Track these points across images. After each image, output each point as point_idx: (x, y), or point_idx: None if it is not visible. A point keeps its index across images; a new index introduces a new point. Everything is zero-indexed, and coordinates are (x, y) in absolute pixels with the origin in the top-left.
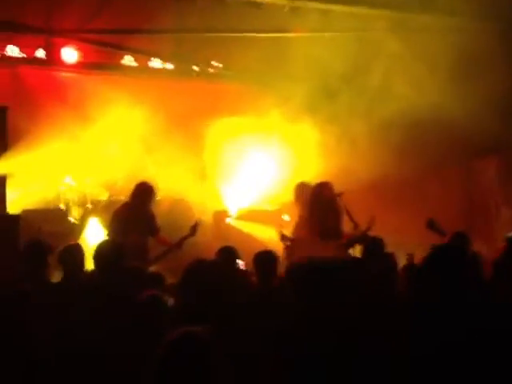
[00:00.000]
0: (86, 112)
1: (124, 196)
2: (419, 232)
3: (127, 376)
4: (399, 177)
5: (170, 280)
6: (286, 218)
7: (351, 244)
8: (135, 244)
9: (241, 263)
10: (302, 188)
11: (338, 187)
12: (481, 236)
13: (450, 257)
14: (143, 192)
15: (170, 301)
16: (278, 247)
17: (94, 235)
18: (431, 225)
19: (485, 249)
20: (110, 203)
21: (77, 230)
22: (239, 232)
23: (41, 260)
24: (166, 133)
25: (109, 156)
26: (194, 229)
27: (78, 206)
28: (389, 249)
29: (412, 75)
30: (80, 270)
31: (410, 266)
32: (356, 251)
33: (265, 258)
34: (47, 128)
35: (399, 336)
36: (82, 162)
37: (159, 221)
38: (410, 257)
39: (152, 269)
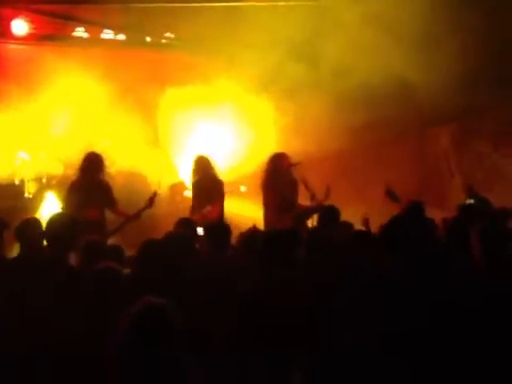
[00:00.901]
0: (37, 85)
1: None
2: (375, 199)
3: (90, 351)
4: (356, 146)
5: (130, 253)
6: (243, 188)
7: (308, 215)
8: (92, 217)
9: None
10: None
11: (294, 158)
12: (435, 202)
13: (407, 228)
14: (90, 163)
15: (126, 272)
16: (236, 219)
17: (50, 210)
18: (389, 194)
19: (438, 215)
20: (65, 178)
21: (33, 205)
22: None
23: None
24: (119, 104)
25: (62, 129)
26: (151, 200)
27: (34, 180)
28: (346, 217)
29: (372, 45)
30: (38, 244)
31: (366, 232)
32: (313, 221)
33: (217, 228)
34: None
35: (361, 311)
36: (35, 136)
37: (116, 194)
38: (365, 221)
39: (111, 241)
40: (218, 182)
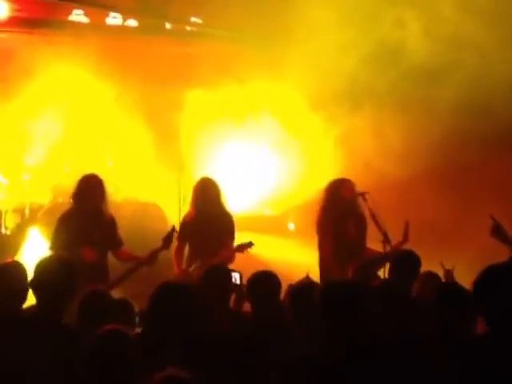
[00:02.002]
0: (20, 85)
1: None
2: (477, 235)
3: None
4: (446, 168)
5: (139, 306)
6: (291, 226)
7: (379, 262)
8: (89, 259)
9: (237, 278)
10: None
11: (361, 187)
12: None
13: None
14: (88, 188)
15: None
16: (283, 267)
17: (34, 251)
18: (496, 231)
19: None
20: (54, 208)
21: (12, 243)
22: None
23: None
24: (129, 113)
25: (51, 144)
26: (169, 240)
27: (13, 212)
28: (433, 263)
29: (468, 38)
30: (18, 298)
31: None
32: (385, 271)
33: (262, 281)
34: None
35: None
36: (16, 153)
37: (122, 231)
38: (448, 273)
39: (115, 293)
40: (228, 216)
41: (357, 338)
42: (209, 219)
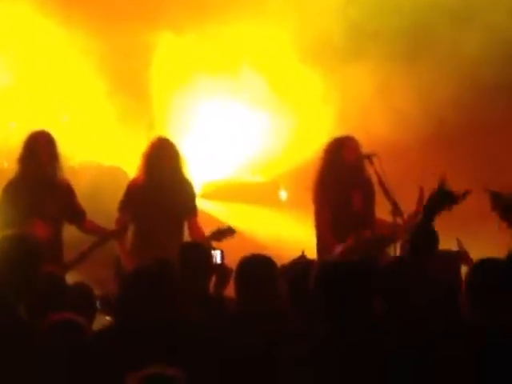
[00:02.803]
0: None
1: None
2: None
3: None
4: (463, 127)
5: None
6: (283, 195)
7: (389, 239)
8: (42, 235)
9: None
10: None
11: (367, 147)
12: None
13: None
14: (38, 150)
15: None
16: (274, 243)
17: None
18: (497, 203)
19: None
20: (3, 174)
21: None
22: (211, 219)
23: None
24: (85, 57)
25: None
26: None
27: None
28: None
29: None
30: None
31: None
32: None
33: (254, 268)
34: None
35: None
36: None
37: (81, 200)
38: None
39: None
40: (189, 185)
41: (360, 324)
42: (164, 188)
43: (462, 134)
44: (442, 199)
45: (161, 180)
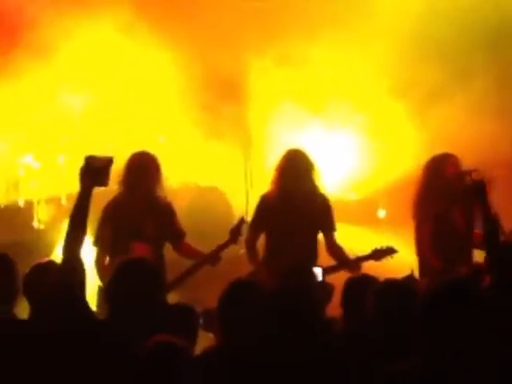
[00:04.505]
0: (47, 46)
1: None
2: None
3: None
4: None
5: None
6: (382, 213)
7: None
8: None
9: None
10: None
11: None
12: None
13: None
14: (139, 171)
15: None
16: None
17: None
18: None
19: None
20: (99, 195)
21: (47, 239)
22: None
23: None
24: (182, 77)
25: (92, 119)
26: (237, 232)
27: (47, 202)
28: None
29: None
30: (57, 304)
31: None
32: None
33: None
34: None
35: None
36: (49, 130)
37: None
38: None
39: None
40: (324, 197)
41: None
42: (298, 201)
43: None
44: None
45: (295, 191)
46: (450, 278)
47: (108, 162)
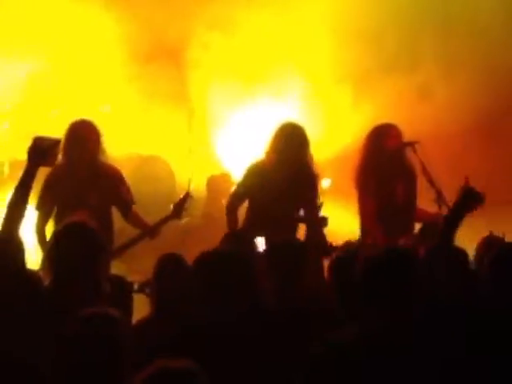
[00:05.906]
0: None
1: None
2: None
3: None
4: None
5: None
6: (326, 183)
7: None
8: None
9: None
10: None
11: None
12: None
13: None
14: (81, 139)
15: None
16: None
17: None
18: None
19: None
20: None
21: None
22: None
23: None
24: (129, 48)
25: (36, 84)
26: (181, 207)
27: None
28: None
29: None
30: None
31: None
32: None
33: (285, 251)
34: None
35: None
36: None
37: None
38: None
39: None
40: (311, 171)
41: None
42: (293, 174)
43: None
44: (469, 200)
45: (292, 164)
46: (388, 248)
47: (55, 143)
